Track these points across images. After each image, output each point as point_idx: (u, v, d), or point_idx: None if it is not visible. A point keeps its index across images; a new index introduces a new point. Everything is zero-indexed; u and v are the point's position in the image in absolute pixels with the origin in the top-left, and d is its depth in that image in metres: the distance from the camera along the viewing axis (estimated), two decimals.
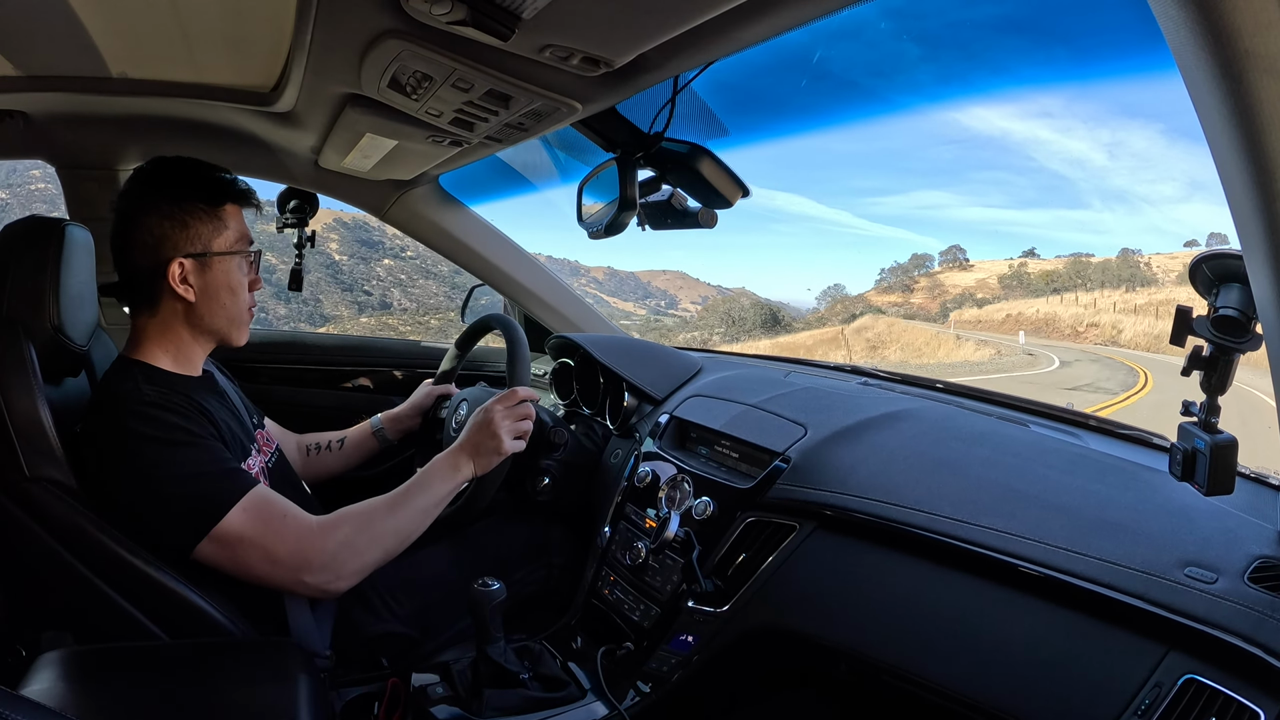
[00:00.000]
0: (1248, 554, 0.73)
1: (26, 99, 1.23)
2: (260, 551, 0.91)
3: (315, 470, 1.41)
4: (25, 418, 0.85)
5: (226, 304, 1.01)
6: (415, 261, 39.30)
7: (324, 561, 0.95)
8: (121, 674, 0.78)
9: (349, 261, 37.01)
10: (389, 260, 38.68)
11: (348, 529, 0.98)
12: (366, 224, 39.19)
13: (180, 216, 0.97)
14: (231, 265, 1.01)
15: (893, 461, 1.01)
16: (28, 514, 0.83)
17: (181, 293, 0.97)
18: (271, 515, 0.93)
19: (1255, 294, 0.55)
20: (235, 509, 0.90)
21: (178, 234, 0.97)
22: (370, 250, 38.74)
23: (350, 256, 37.56)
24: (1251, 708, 0.62)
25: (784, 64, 1.03)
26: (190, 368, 1.03)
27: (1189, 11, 0.38)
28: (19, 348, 0.87)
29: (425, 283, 36.96)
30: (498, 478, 1.16)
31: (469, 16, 0.68)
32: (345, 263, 36.48)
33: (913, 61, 0.97)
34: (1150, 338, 38.69)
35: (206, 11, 0.87)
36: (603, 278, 61.77)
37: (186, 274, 0.97)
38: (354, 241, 38.47)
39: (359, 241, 38.65)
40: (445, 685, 1.01)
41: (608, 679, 1.08)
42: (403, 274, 37.85)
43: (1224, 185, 0.47)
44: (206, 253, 0.98)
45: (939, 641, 0.83)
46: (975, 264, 70.17)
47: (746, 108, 1.18)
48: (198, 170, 1.02)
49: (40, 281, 0.90)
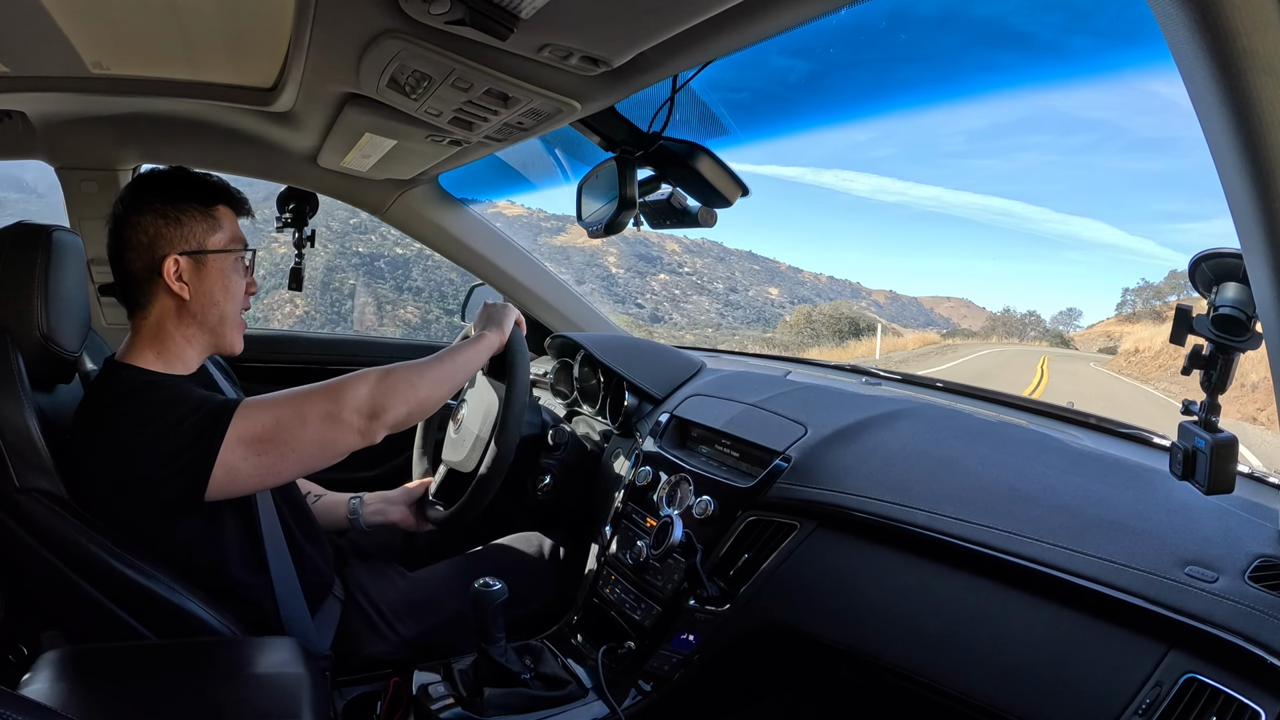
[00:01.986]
0: (1248, 553, 0.73)
1: (25, 99, 1.23)
2: (289, 433, 0.92)
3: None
4: (14, 429, 0.84)
5: (220, 302, 1.01)
6: (691, 278, 39.07)
7: (350, 400, 0.95)
8: (122, 674, 0.78)
9: (625, 275, 36.71)
10: (664, 275, 38.42)
11: (366, 373, 0.99)
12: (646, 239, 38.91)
13: (174, 215, 0.98)
14: (226, 264, 1.01)
15: (893, 460, 1.01)
16: (18, 524, 0.83)
17: (176, 290, 0.97)
18: (276, 402, 0.94)
19: (1255, 292, 0.55)
20: (240, 408, 0.91)
21: (172, 231, 0.97)
22: (647, 265, 38.55)
23: (627, 270, 37.29)
24: (1252, 707, 0.62)
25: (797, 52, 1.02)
26: (182, 368, 1.02)
27: (1188, 11, 0.38)
28: (7, 357, 0.86)
29: (698, 299, 36.76)
30: (498, 476, 1.15)
31: (467, 16, 0.68)
32: (621, 275, 36.16)
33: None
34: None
35: (205, 10, 0.87)
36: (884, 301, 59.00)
37: (182, 271, 0.97)
38: (632, 255, 38.31)
39: (637, 256, 38.49)
40: (447, 684, 1.01)
41: (609, 678, 1.08)
42: (676, 289, 37.58)
43: (1223, 184, 0.47)
44: (201, 250, 0.99)
45: (940, 640, 0.83)
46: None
47: (752, 105, 1.17)
48: (191, 174, 1.03)
49: (28, 289, 0.89)
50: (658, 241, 39.45)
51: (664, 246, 39.63)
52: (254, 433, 0.90)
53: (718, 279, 40.50)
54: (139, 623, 0.86)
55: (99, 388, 0.96)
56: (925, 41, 0.92)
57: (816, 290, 43.24)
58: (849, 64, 0.98)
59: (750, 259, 45.43)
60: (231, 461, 0.89)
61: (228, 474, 0.89)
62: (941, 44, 0.92)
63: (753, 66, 1.06)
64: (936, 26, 0.92)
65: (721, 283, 40.25)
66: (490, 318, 1.22)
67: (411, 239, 1.82)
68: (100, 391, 0.95)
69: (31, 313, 0.90)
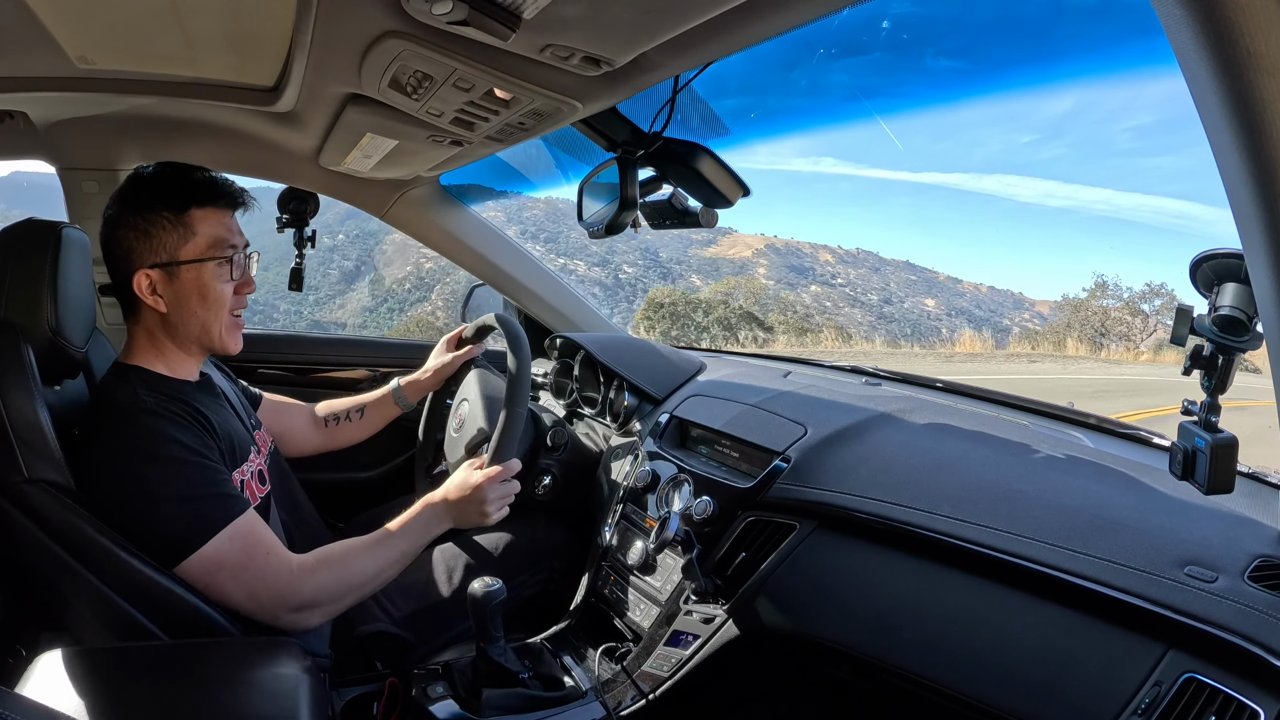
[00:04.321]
0: (1248, 553, 0.73)
1: (25, 99, 1.22)
2: (239, 583, 0.91)
3: (335, 440, 1.42)
4: (24, 420, 0.85)
5: (198, 312, 0.98)
6: (844, 289, 38.50)
7: (299, 603, 0.95)
8: (121, 674, 0.78)
9: (775, 286, 36.39)
10: (816, 286, 37.90)
11: (326, 574, 0.98)
12: (799, 249, 38.36)
13: (144, 227, 0.95)
14: (203, 272, 0.98)
15: (893, 461, 1.01)
16: (26, 516, 0.83)
17: (151, 304, 0.96)
18: (255, 549, 0.93)
19: (1256, 293, 0.55)
20: (222, 535, 0.90)
21: (142, 245, 0.95)
22: (799, 276, 38.15)
23: (778, 281, 37.00)
24: (1252, 706, 0.62)
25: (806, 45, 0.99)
26: (185, 373, 1.02)
27: (1191, 11, 0.38)
28: (18, 351, 0.87)
29: (850, 310, 36.22)
30: (519, 421, 1.15)
31: (470, 16, 0.68)
32: (771, 287, 35.88)
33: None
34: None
35: (206, 10, 0.87)
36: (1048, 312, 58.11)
37: (155, 284, 0.96)
38: (783, 267, 37.99)
39: (788, 267, 38.11)
40: (445, 684, 1.01)
41: (607, 678, 1.08)
42: (828, 301, 37.11)
43: (1225, 184, 0.47)
44: (173, 262, 0.96)
45: (939, 641, 0.84)
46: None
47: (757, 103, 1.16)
48: (168, 177, 0.99)
49: (38, 285, 0.90)
50: (810, 252, 39.00)
51: (817, 257, 39.02)
52: (223, 560, 0.90)
53: (872, 290, 39.77)
54: (147, 619, 0.86)
55: (106, 391, 0.96)
56: (1086, 31, 0.87)
57: (976, 301, 42.07)
58: (1000, 61, 0.93)
59: (907, 269, 44.19)
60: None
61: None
62: (1101, 33, 0.86)
63: (908, 69, 1.01)
64: (1093, 17, 0.87)
65: (876, 294, 39.52)
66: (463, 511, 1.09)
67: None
68: (107, 398, 0.95)
69: (41, 309, 0.90)
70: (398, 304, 25.51)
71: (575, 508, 1.42)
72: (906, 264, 44.53)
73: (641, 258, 32.60)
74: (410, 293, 26.12)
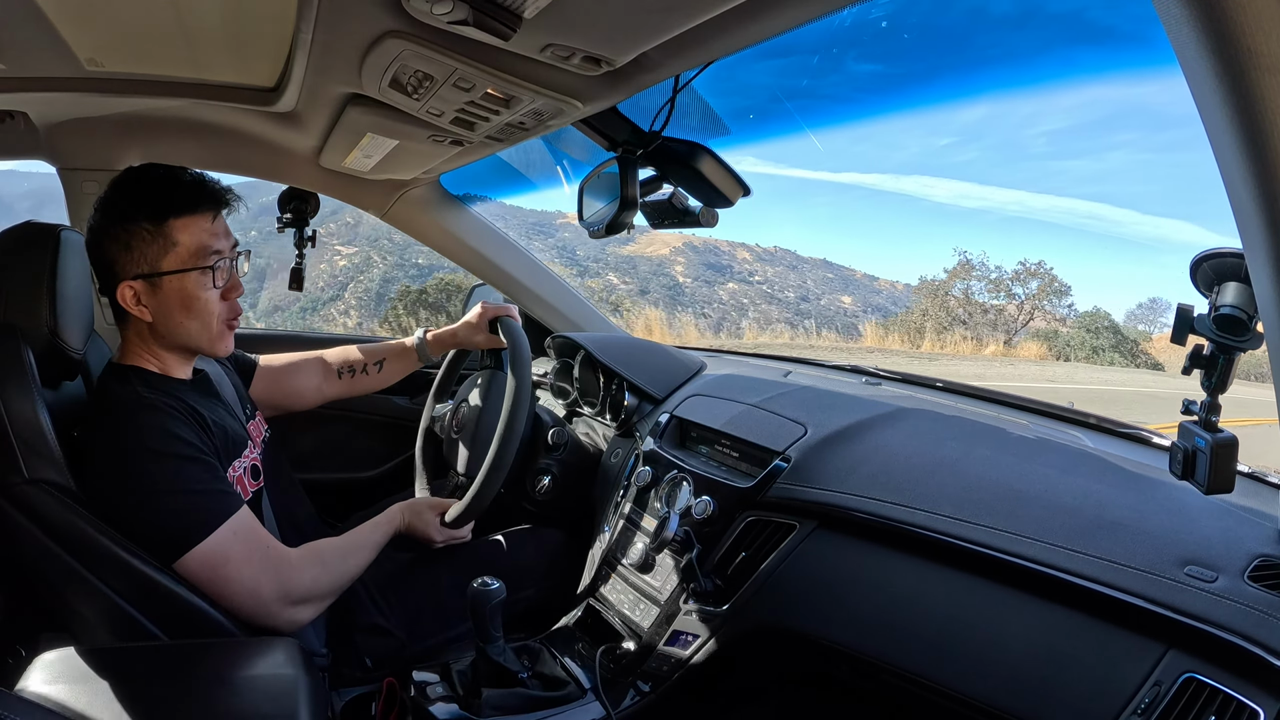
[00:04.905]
0: (1248, 552, 0.73)
1: (26, 99, 1.22)
2: (242, 577, 0.91)
3: (353, 390, 1.41)
4: (24, 421, 0.85)
5: (183, 321, 0.97)
6: (761, 286, 38.27)
7: (299, 596, 0.96)
8: (120, 674, 0.77)
9: (692, 284, 36.19)
10: (733, 284, 37.71)
11: (319, 568, 1.00)
12: (717, 248, 38.30)
13: (124, 239, 0.94)
14: (186, 282, 0.96)
15: (893, 461, 1.01)
16: (27, 516, 0.83)
17: (136, 314, 0.96)
18: (256, 543, 0.94)
19: (1256, 292, 0.55)
20: (224, 528, 0.90)
21: (124, 257, 0.94)
22: (716, 274, 37.86)
23: (694, 279, 36.82)
24: (1251, 706, 0.62)
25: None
26: (179, 372, 1.02)
27: (1192, 10, 0.38)
28: (17, 352, 0.87)
29: (767, 308, 36.08)
30: (496, 482, 1.16)
31: (470, 16, 0.68)
32: (688, 285, 35.66)
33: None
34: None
35: (207, 10, 0.87)
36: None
37: (139, 295, 0.95)
38: (701, 265, 37.75)
39: (705, 265, 37.88)
40: (444, 684, 1.01)
41: (607, 678, 1.08)
42: (745, 298, 36.96)
43: (1226, 184, 0.47)
44: (154, 273, 0.95)
45: (939, 641, 0.84)
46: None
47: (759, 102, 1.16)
48: (148, 184, 0.97)
49: (37, 287, 0.90)
50: (729, 250, 38.95)
51: (735, 255, 39.03)
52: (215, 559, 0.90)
53: (789, 287, 39.75)
54: (147, 619, 0.86)
55: (105, 390, 0.96)
56: (1005, 41, 0.90)
57: (893, 298, 42.22)
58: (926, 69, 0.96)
59: (825, 267, 44.09)
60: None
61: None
62: (1020, 43, 0.89)
63: (828, 71, 1.02)
64: (1014, 25, 0.89)
65: (793, 291, 39.44)
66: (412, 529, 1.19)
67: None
68: (106, 397, 0.95)
69: (40, 311, 0.91)
70: (310, 303, 25.48)
71: (575, 508, 1.42)
72: (824, 262, 44.84)
73: (559, 255, 32.48)
74: (323, 291, 26.02)
